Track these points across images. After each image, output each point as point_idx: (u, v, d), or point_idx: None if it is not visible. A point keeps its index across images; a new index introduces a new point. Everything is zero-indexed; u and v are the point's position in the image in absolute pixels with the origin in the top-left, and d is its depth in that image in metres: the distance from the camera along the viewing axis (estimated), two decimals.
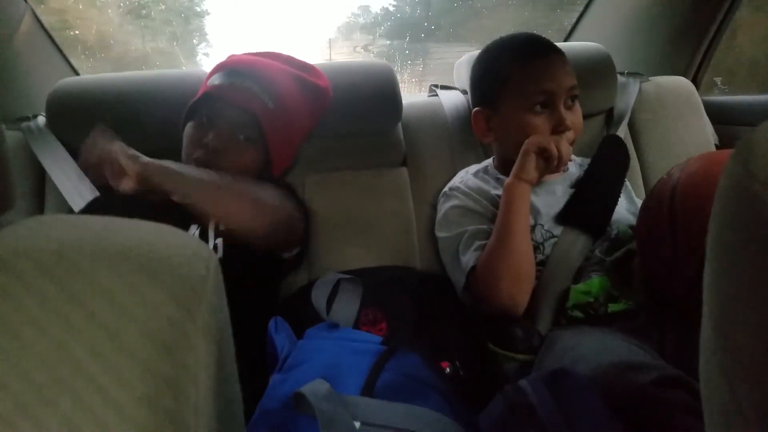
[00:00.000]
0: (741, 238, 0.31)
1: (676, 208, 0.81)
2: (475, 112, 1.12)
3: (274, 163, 1.07)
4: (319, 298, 0.94)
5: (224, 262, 0.93)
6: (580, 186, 1.06)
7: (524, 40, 1.09)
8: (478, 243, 1.00)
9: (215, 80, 1.04)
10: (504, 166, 1.12)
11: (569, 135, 1.02)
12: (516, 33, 1.12)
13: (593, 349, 0.79)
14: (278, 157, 1.07)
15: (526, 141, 0.98)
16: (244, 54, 1.11)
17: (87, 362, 0.26)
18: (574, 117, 1.04)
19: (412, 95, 1.52)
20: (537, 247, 1.01)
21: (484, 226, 1.02)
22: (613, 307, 0.94)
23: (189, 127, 1.04)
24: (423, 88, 1.48)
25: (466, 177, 1.13)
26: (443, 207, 1.10)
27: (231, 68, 1.04)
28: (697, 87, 1.44)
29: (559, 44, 1.10)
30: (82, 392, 0.26)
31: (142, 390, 0.26)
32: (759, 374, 0.30)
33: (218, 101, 1.01)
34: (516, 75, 1.05)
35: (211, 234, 0.95)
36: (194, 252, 0.31)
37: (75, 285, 0.27)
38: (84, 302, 0.27)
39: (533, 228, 1.02)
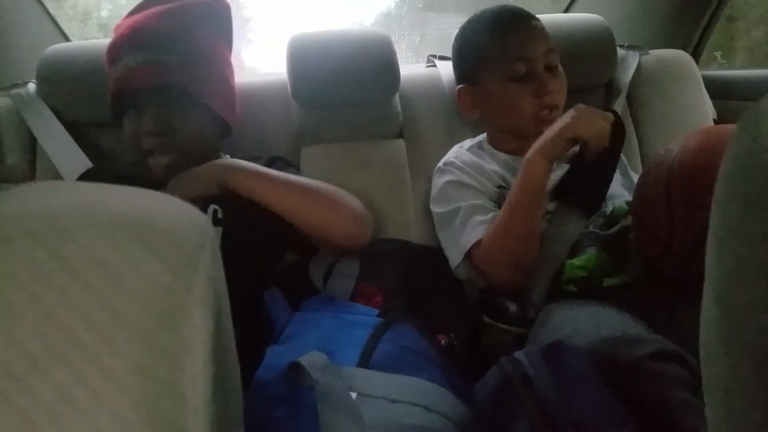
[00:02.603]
0: (746, 209, 0.30)
1: (673, 183, 0.81)
2: (459, 90, 1.13)
3: (224, 111, 1.02)
4: (315, 271, 0.93)
5: (227, 236, 0.92)
6: (575, 162, 1.06)
7: (497, 12, 1.10)
8: (477, 218, 0.99)
9: (114, 72, 0.97)
10: (496, 141, 1.12)
11: (553, 98, 1.02)
12: (489, 7, 1.12)
13: (588, 323, 0.79)
14: (223, 102, 1.01)
15: (562, 126, 0.94)
16: (121, 22, 1.01)
17: (81, 331, 0.26)
18: (556, 81, 1.04)
19: (410, 66, 1.49)
20: None
21: (480, 201, 1.01)
22: (607, 282, 0.94)
23: (125, 124, 0.98)
24: (421, 59, 1.46)
25: (460, 152, 1.13)
26: (438, 182, 1.10)
27: (117, 50, 0.97)
28: (697, 61, 1.43)
29: (558, 16, 1.09)
30: (76, 362, 0.25)
31: (137, 360, 0.25)
32: (760, 349, 0.30)
33: (129, 92, 0.95)
34: (492, 47, 1.06)
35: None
36: (190, 221, 0.30)
37: (68, 252, 0.27)
38: (77, 270, 0.26)
39: None
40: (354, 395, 0.60)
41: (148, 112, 0.95)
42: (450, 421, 0.60)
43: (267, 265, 1.05)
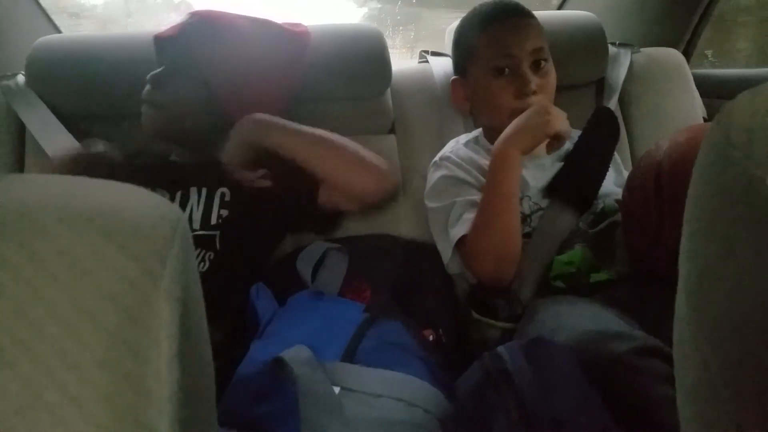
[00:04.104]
0: (718, 206, 0.31)
1: (662, 178, 0.81)
2: (452, 81, 1.15)
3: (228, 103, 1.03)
4: (304, 266, 0.93)
5: (230, 219, 0.95)
6: (568, 159, 1.06)
7: (490, 6, 1.10)
8: (468, 214, 0.99)
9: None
10: (490, 136, 1.12)
11: (537, 99, 1.02)
12: (489, 1, 1.12)
13: (573, 318, 0.80)
14: (233, 98, 1.04)
15: (542, 122, 0.96)
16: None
17: (47, 324, 0.26)
18: (543, 80, 1.04)
19: (403, 61, 1.49)
20: (524, 219, 1.01)
21: (474, 197, 1.01)
22: (595, 278, 0.94)
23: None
24: (414, 54, 1.45)
25: (456, 147, 1.13)
26: (433, 177, 1.09)
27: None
28: (688, 59, 1.43)
29: (550, 13, 1.09)
30: (42, 354, 0.25)
31: (103, 353, 0.25)
32: (730, 347, 0.30)
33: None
34: (479, 41, 1.07)
35: (216, 202, 0.97)
36: (160, 214, 0.30)
37: (36, 245, 0.27)
38: (45, 263, 0.26)
39: (521, 200, 1.02)
40: (337, 390, 0.60)
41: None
42: (432, 415, 0.61)
43: (265, 250, 1.06)
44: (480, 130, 1.16)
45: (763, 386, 0.28)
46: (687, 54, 1.45)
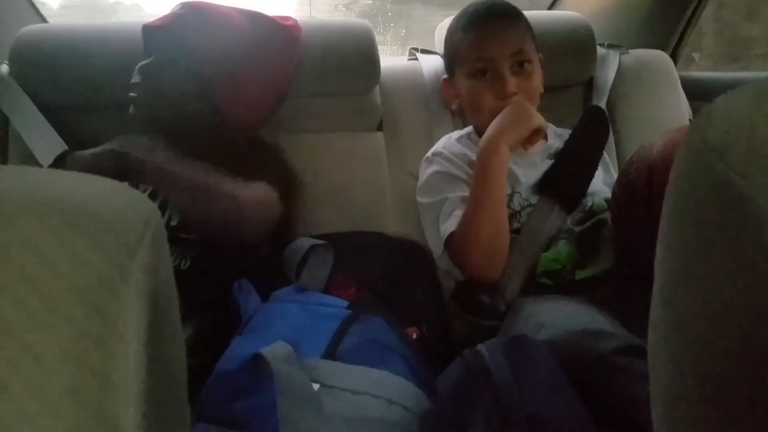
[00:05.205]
0: (693, 207, 0.31)
1: (655, 176, 0.82)
2: (443, 80, 1.18)
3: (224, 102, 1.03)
4: (289, 262, 0.93)
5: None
6: (559, 156, 1.06)
7: (476, 8, 1.11)
8: (459, 211, 1.00)
9: None
10: (480, 133, 1.12)
11: (517, 99, 1.03)
12: (477, 1, 1.13)
13: (556, 317, 0.80)
14: (231, 97, 1.03)
15: (529, 116, 0.99)
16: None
17: (14, 318, 0.25)
18: (525, 82, 1.05)
19: (392, 58, 1.49)
20: (514, 215, 1.02)
21: (466, 194, 1.02)
22: (580, 275, 0.95)
23: None
24: (405, 51, 1.45)
25: (449, 142, 1.13)
26: (425, 172, 1.10)
27: None
28: (675, 62, 1.44)
29: (539, 12, 1.09)
30: (8, 348, 0.25)
31: (68, 347, 0.25)
32: (702, 350, 0.30)
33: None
34: (462, 43, 1.09)
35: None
36: (132, 207, 0.30)
37: (3, 237, 0.26)
38: (12, 255, 0.26)
39: (512, 196, 1.03)
40: (317, 387, 0.60)
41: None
42: (411, 413, 0.61)
43: (247, 249, 1.05)
44: (472, 126, 1.17)
45: (734, 388, 0.28)
46: (674, 56, 1.46)
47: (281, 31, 1.09)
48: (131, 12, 2.00)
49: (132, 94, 1.00)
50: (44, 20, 1.39)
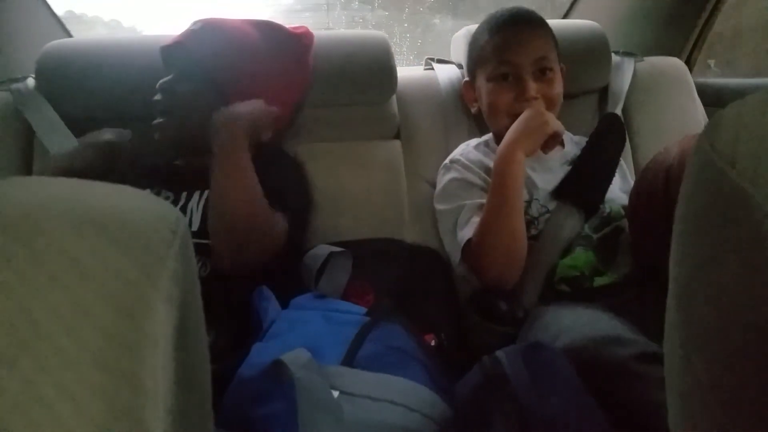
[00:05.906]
0: (704, 213, 0.31)
1: (672, 180, 0.82)
2: (464, 83, 1.20)
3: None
4: (308, 269, 0.94)
5: None
6: (576, 163, 1.07)
7: (501, 13, 1.12)
8: (476, 218, 1.00)
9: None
10: (500, 139, 1.13)
11: (536, 103, 1.04)
12: (505, 7, 1.14)
13: (574, 323, 0.80)
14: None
15: (545, 122, 1.00)
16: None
17: (48, 324, 0.26)
18: (547, 88, 1.06)
19: (409, 68, 1.50)
20: (532, 222, 1.02)
21: (483, 200, 1.02)
22: (598, 281, 0.95)
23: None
24: (421, 61, 1.46)
25: (467, 150, 1.14)
26: (443, 179, 1.10)
27: None
28: (690, 68, 1.43)
29: (554, 21, 1.10)
30: (42, 353, 0.26)
31: (100, 351, 0.26)
32: (716, 352, 0.30)
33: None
34: (485, 46, 1.10)
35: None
36: (160, 216, 0.31)
37: (39, 246, 0.27)
38: (47, 264, 0.27)
39: (530, 203, 1.03)
40: (336, 394, 0.61)
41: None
42: (431, 420, 0.61)
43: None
44: (491, 134, 1.18)
45: (748, 392, 0.28)
46: (689, 63, 1.46)
47: (292, 39, 1.10)
48: (111, 27, 2.04)
49: (157, 120, 1.01)
50: (69, 35, 1.42)
